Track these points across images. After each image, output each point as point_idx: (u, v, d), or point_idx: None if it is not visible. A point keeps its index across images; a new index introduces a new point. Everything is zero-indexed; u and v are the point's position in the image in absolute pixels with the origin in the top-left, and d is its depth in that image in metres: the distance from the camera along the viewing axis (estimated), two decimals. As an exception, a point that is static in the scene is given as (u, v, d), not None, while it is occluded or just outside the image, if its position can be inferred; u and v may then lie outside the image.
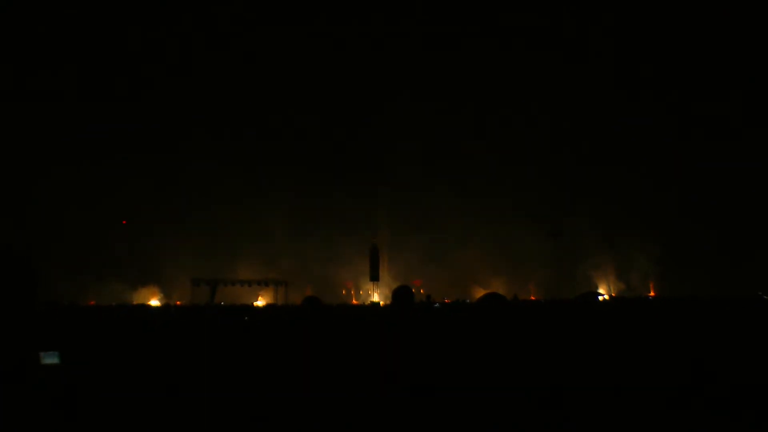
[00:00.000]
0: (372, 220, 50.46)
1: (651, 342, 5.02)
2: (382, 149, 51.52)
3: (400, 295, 4.21)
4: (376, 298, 46.60)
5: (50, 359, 1.92)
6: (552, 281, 45.78)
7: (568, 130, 49.61)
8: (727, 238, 43.57)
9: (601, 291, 44.49)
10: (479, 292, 44.14)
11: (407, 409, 3.20)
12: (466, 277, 46.11)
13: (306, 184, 51.16)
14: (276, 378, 3.57)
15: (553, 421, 3.13)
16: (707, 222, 44.46)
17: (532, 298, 43.06)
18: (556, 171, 50.58)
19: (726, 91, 45.79)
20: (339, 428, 3.24)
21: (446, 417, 3.12)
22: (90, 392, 2.08)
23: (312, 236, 49.09)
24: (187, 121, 49.77)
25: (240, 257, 47.08)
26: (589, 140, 48.99)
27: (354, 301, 45.91)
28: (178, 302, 39.71)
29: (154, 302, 41.98)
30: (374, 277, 48.25)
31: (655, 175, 47.92)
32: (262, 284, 45.47)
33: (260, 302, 42.26)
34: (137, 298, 42.19)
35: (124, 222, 46.54)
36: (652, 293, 43.66)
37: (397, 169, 50.50)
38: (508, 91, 50.24)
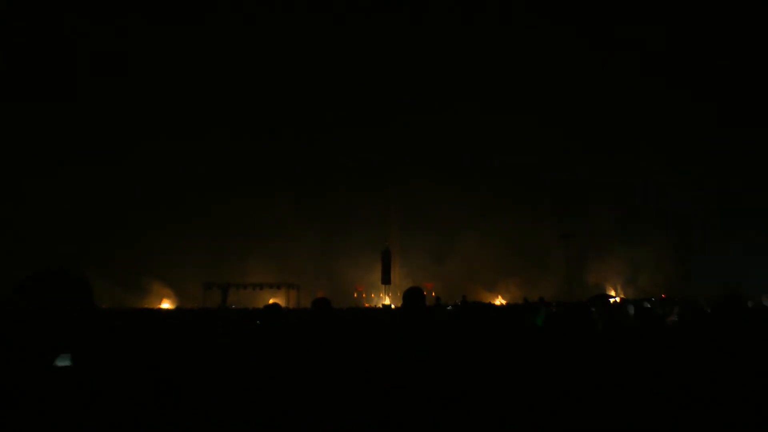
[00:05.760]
0: (384, 223, 50.56)
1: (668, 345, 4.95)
2: (393, 150, 51.63)
3: (411, 296, 4.10)
4: (387, 301, 46.54)
5: (62, 362, 1.92)
6: (563, 283, 45.53)
7: (581, 129, 49.38)
8: (744, 241, 43.11)
9: (611, 293, 44.16)
10: (486, 296, 44.07)
11: (411, 412, 3.17)
12: (476, 280, 45.98)
13: (316, 186, 51.37)
14: (282, 381, 3.56)
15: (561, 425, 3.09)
16: (722, 224, 44.09)
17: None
18: (569, 171, 50.35)
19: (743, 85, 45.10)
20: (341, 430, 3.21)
21: (451, 420, 3.09)
22: (102, 394, 2.08)
23: (323, 239, 49.21)
24: (198, 122, 49.87)
25: (251, 260, 47.14)
26: (603, 139, 48.81)
27: (366, 304, 45.86)
28: (189, 305, 39.80)
29: (166, 305, 42.15)
30: (386, 281, 48.18)
31: (671, 174, 47.47)
32: (274, 287, 45.52)
33: (271, 305, 42.16)
34: (148, 302, 42.33)
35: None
36: (663, 296, 43.26)
37: (409, 169, 50.49)
38: (520, 90, 50.13)
